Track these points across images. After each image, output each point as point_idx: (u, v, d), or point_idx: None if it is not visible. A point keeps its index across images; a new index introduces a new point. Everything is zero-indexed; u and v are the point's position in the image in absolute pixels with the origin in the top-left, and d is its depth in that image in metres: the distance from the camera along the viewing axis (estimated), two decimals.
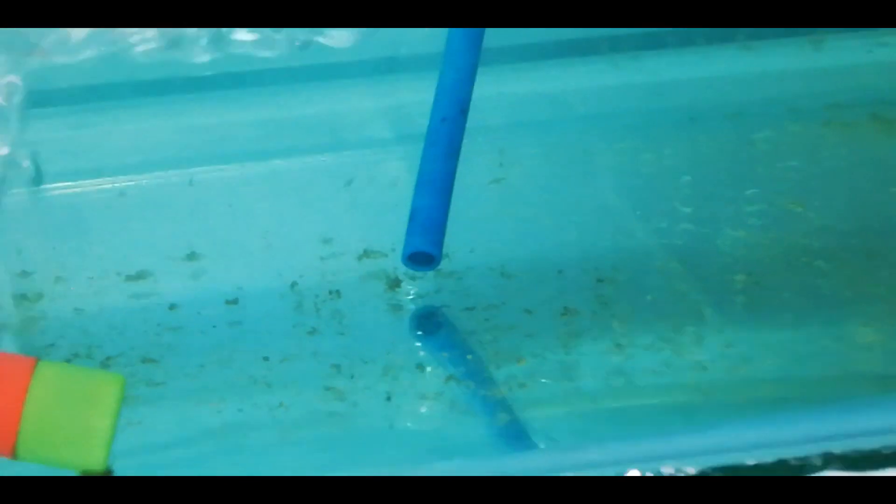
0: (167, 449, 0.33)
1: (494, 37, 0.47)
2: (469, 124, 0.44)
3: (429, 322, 0.37)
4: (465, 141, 0.44)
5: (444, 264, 0.39)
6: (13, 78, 0.43)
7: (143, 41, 0.45)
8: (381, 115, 0.48)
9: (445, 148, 0.40)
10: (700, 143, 0.45)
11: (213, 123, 0.47)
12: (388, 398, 0.34)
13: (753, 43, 0.49)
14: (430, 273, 0.39)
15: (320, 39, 0.48)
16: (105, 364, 0.36)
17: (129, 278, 0.40)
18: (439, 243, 0.38)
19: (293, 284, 0.39)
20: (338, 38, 0.48)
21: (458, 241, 0.40)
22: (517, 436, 0.33)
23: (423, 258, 0.38)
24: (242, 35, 0.48)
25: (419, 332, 0.37)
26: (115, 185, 0.44)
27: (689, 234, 0.41)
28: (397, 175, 0.45)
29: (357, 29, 0.48)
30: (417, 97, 0.47)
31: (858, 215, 0.41)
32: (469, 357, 0.36)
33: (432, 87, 0.47)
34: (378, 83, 0.48)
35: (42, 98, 0.47)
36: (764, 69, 0.49)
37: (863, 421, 0.31)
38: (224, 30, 0.47)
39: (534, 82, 0.48)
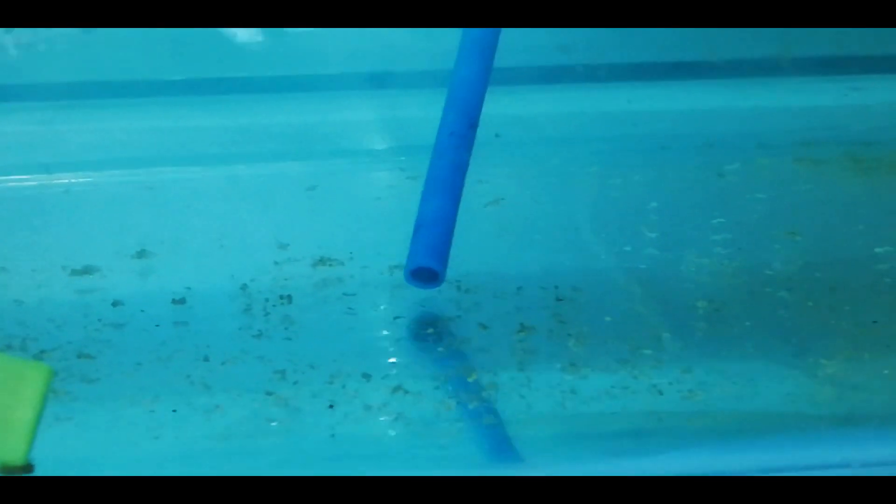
0: (95, 447, 0.31)
1: None
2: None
3: (380, 332, 0.36)
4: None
5: (400, 276, 0.38)
6: None
7: (108, 41, 0.45)
8: (348, 125, 0.47)
9: (451, 162, 0.38)
10: (669, 171, 0.45)
11: (177, 126, 0.47)
12: (332, 406, 0.33)
13: (731, 80, 0.49)
14: (387, 284, 0.38)
15: (293, 44, 0.47)
16: (38, 357, 0.34)
17: (75, 273, 0.38)
18: (444, 261, 0.36)
19: (243, 287, 0.38)
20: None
21: None
22: (461, 449, 0.32)
23: (427, 275, 0.36)
24: (213, 39, 0.47)
25: (369, 342, 0.36)
26: (70, 180, 0.44)
27: (652, 259, 0.40)
28: (361, 185, 0.44)
29: (329, 31, 0.47)
30: (395, 111, 0.47)
31: (824, 249, 0.41)
32: (418, 369, 0.35)
33: (404, 101, 0.47)
34: (349, 96, 0.48)
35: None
36: (738, 105, 0.48)
37: (818, 455, 0.31)
38: (196, 32, 0.47)
39: (507, 105, 0.47)
